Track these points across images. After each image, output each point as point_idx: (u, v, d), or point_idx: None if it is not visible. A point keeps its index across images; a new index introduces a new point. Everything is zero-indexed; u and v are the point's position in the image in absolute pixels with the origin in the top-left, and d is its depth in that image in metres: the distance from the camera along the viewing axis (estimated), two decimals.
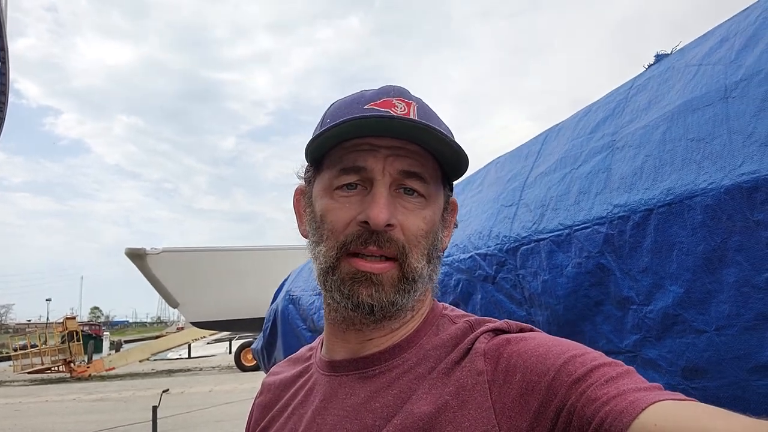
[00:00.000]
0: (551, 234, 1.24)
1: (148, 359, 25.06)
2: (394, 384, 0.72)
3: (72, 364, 22.31)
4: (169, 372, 21.66)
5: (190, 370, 21.85)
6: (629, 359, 1.06)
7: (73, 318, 28.48)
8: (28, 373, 22.18)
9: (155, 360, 26.58)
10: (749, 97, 0.90)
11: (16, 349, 24.60)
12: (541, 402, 0.61)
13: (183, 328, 34.15)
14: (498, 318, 0.78)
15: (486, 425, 0.63)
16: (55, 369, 22.75)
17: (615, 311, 1.10)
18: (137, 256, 10.75)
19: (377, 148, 0.72)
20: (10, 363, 24.32)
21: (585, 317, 1.16)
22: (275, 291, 2.91)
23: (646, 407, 0.52)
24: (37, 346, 23.60)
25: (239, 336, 24.43)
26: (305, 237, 0.82)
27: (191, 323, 12.91)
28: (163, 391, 8.75)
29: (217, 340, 29.61)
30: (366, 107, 0.73)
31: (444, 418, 0.65)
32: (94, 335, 35.21)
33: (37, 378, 21.82)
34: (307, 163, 0.82)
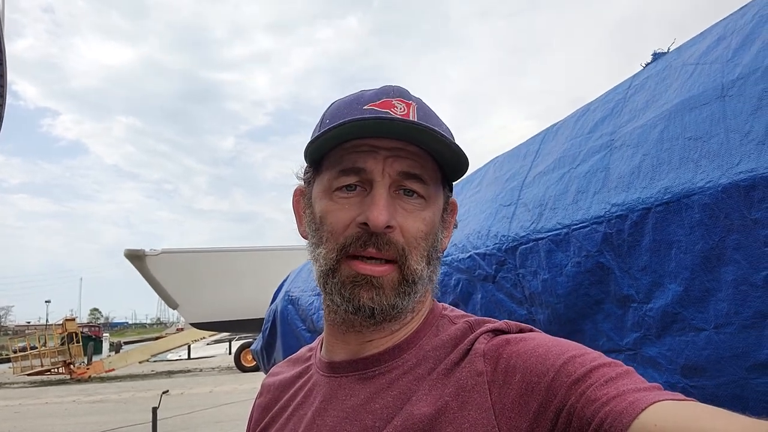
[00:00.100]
0: (550, 233, 1.24)
1: (147, 360, 25.01)
2: (394, 385, 0.72)
3: (72, 366, 22.24)
4: (169, 373, 21.63)
5: (190, 371, 21.83)
6: (629, 357, 1.06)
7: (73, 319, 28.37)
8: (28, 375, 22.10)
9: (155, 361, 26.54)
10: (746, 95, 0.91)
11: (15, 351, 24.51)
12: (540, 402, 0.61)
13: (183, 329, 34.12)
14: (499, 317, 0.78)
15: (486, 426, 0.63)
16: (55, 371, 22.67)
17: (615, 309, 1.10)
18: (136, 258, 10.76)
19: (377, 150, 0.72)
20: (10, 365, 24.23)
21: (585, 315, 1.17)
22: (274, 291, 2.91)
23: (646, 407, 0.52)
24: (36, 348, 23.51)
25: (239, 337, 24.42)
26: (305, 238, 0.82)
27: (191, 324, 12.91)
28: (163, 392, 8.74)
29: (217, 341, 29.58)
30: (366, 108, 0.73)
31: (444, 419, 0.65)
32: (94, 337, 35.21)
33: (37, 380, 21.76)
34: (307, 164, 0.81)
